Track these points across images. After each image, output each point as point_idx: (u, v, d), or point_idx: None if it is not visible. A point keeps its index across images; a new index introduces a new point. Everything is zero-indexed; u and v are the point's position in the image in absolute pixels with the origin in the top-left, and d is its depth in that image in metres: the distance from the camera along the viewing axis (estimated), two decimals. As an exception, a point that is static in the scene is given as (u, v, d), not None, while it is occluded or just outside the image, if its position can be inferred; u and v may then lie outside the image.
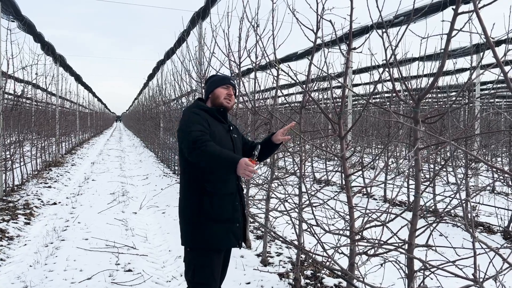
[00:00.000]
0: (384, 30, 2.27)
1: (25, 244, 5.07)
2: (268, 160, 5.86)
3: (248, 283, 3.85)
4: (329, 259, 2.66)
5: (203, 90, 2.59)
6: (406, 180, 7.03)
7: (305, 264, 4.21)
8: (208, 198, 2.39)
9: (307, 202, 3.08)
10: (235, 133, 2.72)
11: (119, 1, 12.43)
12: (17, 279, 3.94)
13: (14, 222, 5.81)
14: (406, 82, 2.36)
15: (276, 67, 3.88)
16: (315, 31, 2.93)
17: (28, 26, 9.28)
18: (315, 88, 8.13)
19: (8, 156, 7.93)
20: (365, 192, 8.13)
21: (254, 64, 4.47)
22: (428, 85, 2.32)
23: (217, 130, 2.48)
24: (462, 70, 9.00)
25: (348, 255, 2.69)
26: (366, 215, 2.57)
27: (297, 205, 3.53)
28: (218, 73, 3.07)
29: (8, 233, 5.35)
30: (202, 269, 2.42)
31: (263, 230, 4.99)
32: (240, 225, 2.54)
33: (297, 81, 3.02)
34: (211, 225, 2.40)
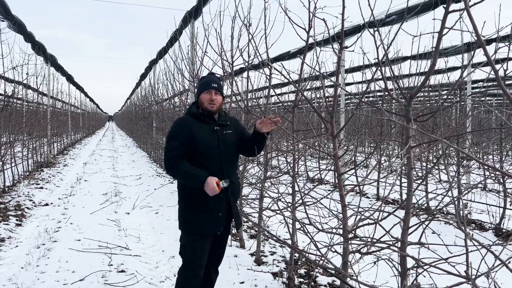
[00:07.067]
0: (376, 29, 2.28)
1: (17, 246, 5.02)
2: (261, 159, 5.86)
3: (242, 282, 3.85)
4: (323, 258, 2.67)
5: (196, 90, 2.95)
6: (399, 178, 7.06)
7: (299, 263, 4.22)
8: (197, 190, 2.69)
9: (300, 201, 3.08)
10: (228, 129, 2.94)
11: (112, 1, 12.33)
12: (8, 281, 3.90)
13: (5, 224, 5.75)
14: (398, 81, 2.37)
15: (269, 66, 3.87)
16: (307, 30, 2.93)
17: (18, 26, 9.18)
18: (308, 87, 8.14)
19: (-1, 157, 7.85)
20: (358, 191, 8.16)
21: (246, 63, 4.46)
22: (419, 83, 2.33)
23: (200, 133, 2.78)
24: (454, 68, 9.06)
25: (342, 253, 2.69)
26: (359, 214, 2.57)
27: (290, 204, 3.53)
28: (211, 72, 3.15)
29: (-1, 234, 5.29)
30: (185, 248, 2.87)
31: (256, 229, 4.98)
32: (224, 214, 2.82)
33: (290, 80, 3.02)
34: (198, 213, 2.78)
